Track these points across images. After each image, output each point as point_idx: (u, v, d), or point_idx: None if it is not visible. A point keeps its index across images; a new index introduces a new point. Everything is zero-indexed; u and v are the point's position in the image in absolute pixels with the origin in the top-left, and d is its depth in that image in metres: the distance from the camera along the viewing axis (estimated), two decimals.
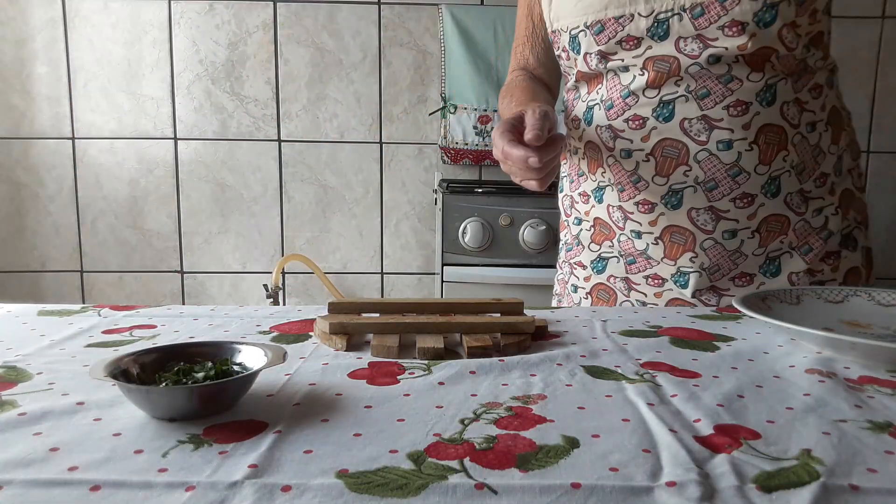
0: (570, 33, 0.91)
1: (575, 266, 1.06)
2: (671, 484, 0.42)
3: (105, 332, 0.79)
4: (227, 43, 2.12)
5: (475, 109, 2.10)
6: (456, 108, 2.11)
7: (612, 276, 1.01)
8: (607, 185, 0.95)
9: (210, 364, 0.56)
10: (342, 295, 2.21)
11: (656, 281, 0.96)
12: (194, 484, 0.42)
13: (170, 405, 0.51)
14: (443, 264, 1.63)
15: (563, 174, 1.07)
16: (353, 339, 0.75)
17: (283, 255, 2.21)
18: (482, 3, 2.12)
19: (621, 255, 0.99)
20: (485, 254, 1.61)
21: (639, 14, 0.84)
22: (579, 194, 1.02)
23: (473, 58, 2.07)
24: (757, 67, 0.84)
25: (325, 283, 2.14)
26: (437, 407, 0.55)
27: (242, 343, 0.60)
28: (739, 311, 0.82)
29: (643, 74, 0.87)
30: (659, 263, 0.95)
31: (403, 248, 2.24)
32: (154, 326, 0.82)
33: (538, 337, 0.78)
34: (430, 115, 2.16)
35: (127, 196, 2.18)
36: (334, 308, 0.84)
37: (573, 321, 0.87)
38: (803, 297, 0.91)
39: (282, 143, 2.17)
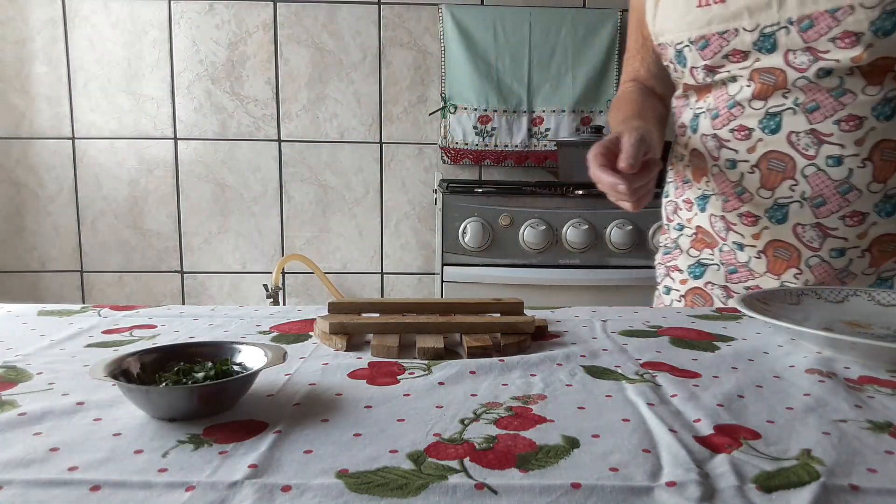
0: (674, 47, 0.89)
1: (671, 269, 1.04)
2: (671, 484, 0.42)
3: (105, 332, 0.79)
4: (227, 43, 2.12)
5: (475, 109, 2.10)
6: (456, 108, 2.11)
7: (710, 282, 0.98)
8: (711, 195, 0.94)
9: (210, 364, 0.56)
10: (342, 295, 2.21)
11: None
12: (194, 484, 0.42)
13: (170, 405, 0.51)
14: (443, 264, 1.63)
15: (668, 179, 1.05)
16: (353, 339, 0.75)
17: (283, 255, 2.21)
18: (482, 3, 2.11)
19: (722, 265, 0.96)
20: (485, 254, 1.61)
21: (743, 28, 0.82)
22: (683, 201, 1.00)
23: (473, 58, 2.07)
24: (875, 80, 0.79)
25: (325, 283, 2.14)
26: (437, 407, 0.55)
27: (242, 343, 0.60)
28: (739, 311, 0.82)
29: (749, 86, 0.85)
30: (762, 276, 0.92)
31: (403, 248, 2.23)
32: (154, 326, 0.82)
33: (538, 337, 0.78)
34: (430, 115, 2.16)
35: (127, 196, 2.18)
36: (334, 308, 0.84)
37: (573, 321, 0.87)
38: (803, 297, 0.91)
39: (282, 143, 2.17)
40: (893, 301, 0.88)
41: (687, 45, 0.87)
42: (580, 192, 1.68)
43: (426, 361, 0.68)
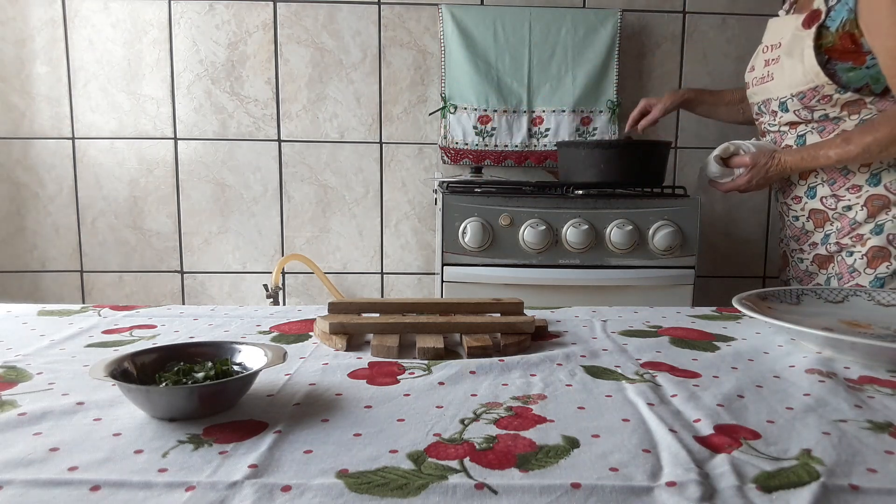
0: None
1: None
2: (671, 484, 0.42)
3: (105, 332, 0.79)
4: (227, 43, 2.12)
5: (475, 109, 2.10)
6: (456, 108, 2.11)
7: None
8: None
9: (210, 364, 0.56)
10: (342, 295, 2.21)
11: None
12: (194, 484, 0.42)
13: (170, 405, 0.51)
14: (443, 264, 1.63)
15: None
16: (353, 339, 0.75)
17: (283, 255, 2.21)
18: (482, 3, 2.11)
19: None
20: (485, 254, 1.61)
21: (754, 102, 1.51)
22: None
23: (473, 58, 2.07)
24: (793, 127, 1.39)
25: (325, 283, 2.14)
26: (437, 407, 0.55)
27: (242, 343, 0.60)
28: (739, 311, 0.82)
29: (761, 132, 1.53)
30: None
31: (403, 248, 2.23)
32: (154, 326, 0.82)
33: (538, 337, 0.78)
34: (430, 115, 2.16)
35: (127, 196, 2.18)
36: (334, 308, 0.84)
37: (573, 321, 0.87)
38: (803, 297, 0.91)
39: (282, 143, 2.17)
40: (893, 301, 0.88)
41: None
42: (580, 192, 1.68)
43: (426, 361, 0.68)
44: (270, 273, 2.16)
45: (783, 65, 1.33)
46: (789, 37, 1.31)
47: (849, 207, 1.33)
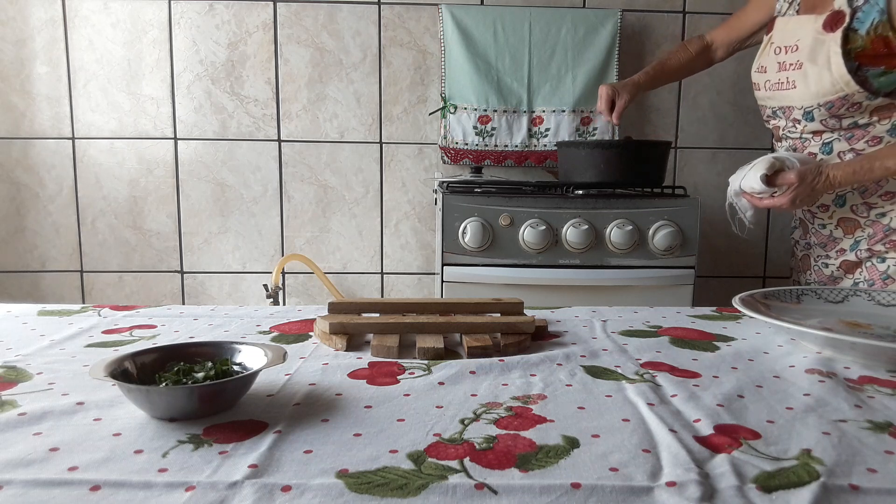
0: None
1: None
2: (671, 484, 0.42)
3: (105, 332, 0.79)
4: (227, 43, 2.12)
5: (475, 109, 2.10)
6: (456, 108, 2.11)
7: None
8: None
9: (210, 364, 0.56)
10: (342, 295, 2.21)
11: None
12: (194, 484, 0.42)
13: (170, 405, 0.51)
14: (443, 264, 1.63)
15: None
16: (353, 339, 0.75)
17: (283, 255, 2.20)
18: (482, 3, 2.11)
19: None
20: (485, 254, 1.61)
21: (769, 106, 1.41)
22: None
23: (473, 58, 2.07)
24: (817, 135, 1.31)
25: (325, 283, 2.14)
26: (437, 407, 0.55)
27: (242, 343, 0.60)
28: (739, 311, 0.82)
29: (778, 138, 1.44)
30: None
31: (403, 248, 2.23)
32: (154, 326, 0.82)
33: (538, 337, 0.78)
34: (430, 115, 2.16)
35: (127, 196, 2.18)
36: (334, 308, 0.84)
37: (573, 321, 0.87)
38: (803, 297, 0.91)
39: (282, 143, 2.17)
40: (893, 301, 0.88)
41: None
42: (580, 192, 1.68)
43: (426, 361, 0.68)
44: (270, 273, 2.16)
45: (807, 72, 1.26)
46: (810, 41, 1.24)
47: (883, 214, 1.29)
